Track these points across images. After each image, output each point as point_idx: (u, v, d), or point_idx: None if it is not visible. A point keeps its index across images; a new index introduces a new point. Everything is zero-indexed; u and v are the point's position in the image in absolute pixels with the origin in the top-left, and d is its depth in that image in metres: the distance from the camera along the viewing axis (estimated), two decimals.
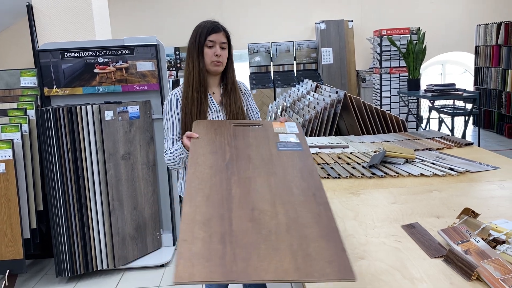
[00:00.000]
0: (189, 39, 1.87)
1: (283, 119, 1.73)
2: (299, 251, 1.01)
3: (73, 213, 3.02)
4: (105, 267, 3.10)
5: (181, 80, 7.38)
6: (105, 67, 3.19)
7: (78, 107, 2.99)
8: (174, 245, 3.42)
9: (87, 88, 3.22)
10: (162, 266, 3.22)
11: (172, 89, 2.03)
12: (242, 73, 8.92)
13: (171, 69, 7.90)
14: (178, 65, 7.92)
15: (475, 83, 7.90)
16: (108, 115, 3.04)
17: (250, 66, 8.12)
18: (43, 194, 3.11)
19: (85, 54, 3.17)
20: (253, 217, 1.12)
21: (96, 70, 3.19)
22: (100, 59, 3.18)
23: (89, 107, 3.00)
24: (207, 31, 1.82)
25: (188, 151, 1.80)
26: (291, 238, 1.05)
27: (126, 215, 3.15)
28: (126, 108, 3.12)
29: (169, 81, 4.49)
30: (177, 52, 7.88)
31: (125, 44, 3.18)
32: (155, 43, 3.19)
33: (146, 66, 3.19)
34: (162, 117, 1.95)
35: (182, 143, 1.79)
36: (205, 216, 1.10)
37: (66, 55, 3.16)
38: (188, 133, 1.61)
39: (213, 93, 1.94)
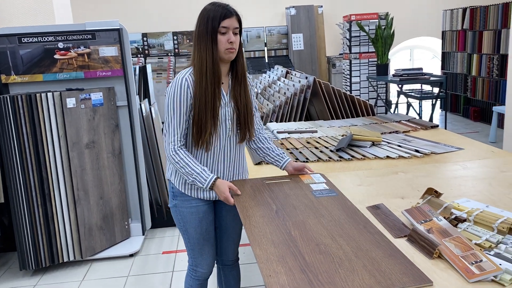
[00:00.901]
0: (198, 25, 1.69)
1: (305, 170, 1.90)
2: (373, 270, 1.16)
3: (36, 205, 2.92)
4: (71, 258, 3.02)
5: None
6: (66, 53, 3.07)
7: (38, 95, 2.87)
8: (143, 234, 3.36)
9: (47, 75, 3.09)
10: (131, 255, 3.17)
11: (140, 76, 1.93)
12: None
13: (138, 55, 7.73)
14: (146, 51, 7.75)
15: (442, 67, 8.04)
16: (70, 102, 2.94)
17: None
18: (3, 186, 3.00)
19: (44, 39, 3.04)
20: (321, 250, 1.27)
21: (56, 56, 3.07)
22: (60, 45, 3.05)
23: (49, 94, 2.89)
24: (220, 16, 1.65)
25: (217, 198, 1.76)
26: (362, 261, 1.20)
27: (92, 205, 3.07)
28: (89, 95, 3.02)
29: (135, 68, 4.37)
30: (145, 38, 7.70)
31: (86, 29, 3.07)
32: (118, 27, 3.09)
33: (109, 51, 3.09)
34: (167, 105, 1.70)
35: (215, 181, 1.69)
36: (278, 255, 1.25)
37: (24, 40, 3.01)
38: (232, 186, 1.69)
39: (222, 83, 1.77)
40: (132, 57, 7.80)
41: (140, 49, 7.73)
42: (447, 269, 1.20)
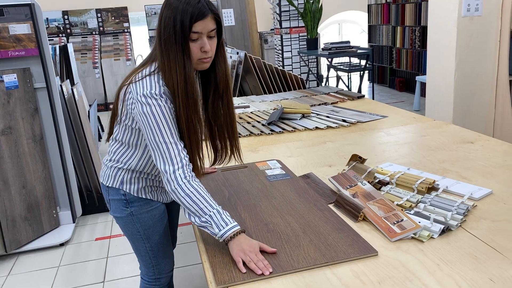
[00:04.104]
0: (162, 28, 1.29)
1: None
2: (319, 243, 1.18)
3: None
4: None
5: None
6: None
7: None
8: (73, 222, 3.21)
9: None
10: (61, 245, 3.01)
11: (61, 56, 1.65)
12: (141, 38, 8.47)
13: (60, 35, 7.24)
14: (68, 30, 7.28)
15: (369, 40, 8.32)
16: None
17: (149, 30, 7.72)
18: None
19: None
20: (269, 229, 1.28)
21: None
22: None
23: None
24: (190, 19, 1.25)
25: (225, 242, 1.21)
26: (309, 236, 1.22)
27: (14, 195, 2.87)
28: (1, 77, 2.77)
29: (55, 47, 4.09)
30: (66, 16, 7.22)
31: None
32: (29, 2, 2.84)
33: (20, 28, 2.84)
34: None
35: (239, 233, 1.19)
36: None
37: None
38: (264, 247, 1.17)
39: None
40: (53, 36, 7.30)
41: (62, 28, 7.25)
42: (371, 230, 1.25)
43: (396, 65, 7.47)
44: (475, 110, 3.61)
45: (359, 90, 5.67)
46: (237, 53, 4.18)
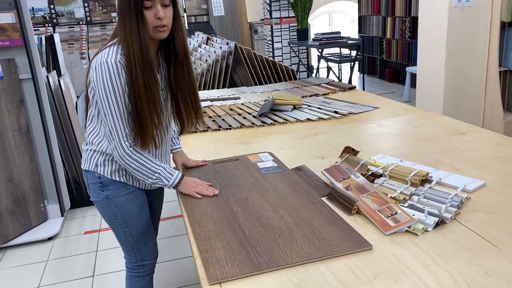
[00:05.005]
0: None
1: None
2: (313, 237, 1.16)
3: None
4: None
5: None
6: None
7: None
8: (62, 215, 3.16)
9: None
10: (50, 239, 2.97)
11: (47, 47, 1.63)
12: None
13: (46, 25, 7.11)
14: (55, 20, 7.14)
15: (359, 31, 8.30)
16: None
17: None
18: None
19: None
20: (262, 223, 1.26)
21: None
22: None
23: None
24: None
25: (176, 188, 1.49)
26: (302, 230, 1.20)
27: (0, 189, 2.81)
28: None
29: (41, 37, 4.00)
30: (52, 6, 7.08)
31: None
32: None
33: (4, 18, 2.76)
34: (88, 86, 1.41)
35: (182, 179, 1.49)
36: (217, 231, 1.23)
37: None
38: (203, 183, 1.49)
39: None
40: (39, 26, 7.16)
41: (48, 18, 7.10)
42: (365, 223, 1.23)
43: (386, 56, 7.47)
44: (465, 101, 3.62)
45: (350, 81, 5.66)
46: (227, 43, 4.13)
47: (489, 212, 1.25)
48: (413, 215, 1.22)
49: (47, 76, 3.10)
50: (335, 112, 2.44)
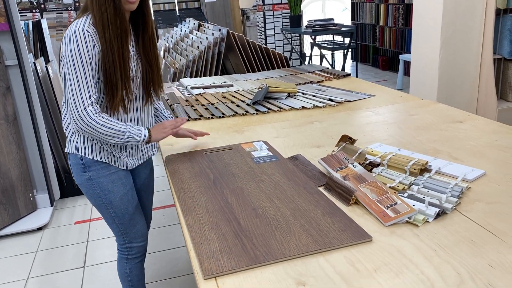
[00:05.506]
0: None
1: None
2: (311, 229, 1.13)
3: None
4: None
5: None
6: None
7: None
8: (52, 205, 3.10)
9: None
10: (39, 229, 2.92)
11: (34, 32, 1.60)
12: None
13: (33, 10, 6.94)
14: (42, 5, 6.98)
15: (352, 18, 8.23)
16: None
17: None
18: None
19: None
20: (258, 214, 1.22)
21: None
22: None
23: None
24: None
25: (150, 141, 1.55)
26: (300, 222, 1.17)
27: None
28: None
29: (28, 23, 3.89)
30: None
31: None
32: None
33: None
34: (62, 60, 1.41)
35: (150, 133, 1.54)
36: (211, 223, 1.19)
37: None
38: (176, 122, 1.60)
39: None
40: (26, 12, 6.99)
41: (35, 3, 6.93)
42: (364, 214, 1.20)
43: (379, 44, 7.42)
44: (459, 89, 3.60)
45: (343, 69, 5.62)
46: (219, 29, 4.06)
47: (490, 202, 1.22)
48: (413, 205, 1.19)
49: (34, 63, 3.02)
50: (330, 100, 2.39)
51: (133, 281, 1.79)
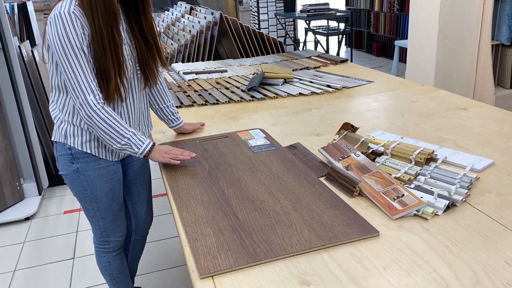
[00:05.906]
0: None
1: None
2: (313, 223, 1.06)
3: None
4: None
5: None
6: None
7: None
8: (39, 194, 3.01)
9: None
10: (27, 219, 2.83)
11: (20, 15, 1.47)
12: None
13: None
14: None
15: (347, 3, 8.11)
16: None
17: None
18: None
19: None
20: (256, 207, 1.15)
21: None
22: None
23: None
24: None
25: (147, 156, 1.39)
26: (301, 215, 1.10)
27: None
28: None
29: (13, 5, 3.75)
30: None
31: None
32: None
33: None
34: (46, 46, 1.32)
35: (151, 149, 1.39)
36: (207, 216, 1.12)
37: None
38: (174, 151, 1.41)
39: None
40: None
41: None
42: (369, 207, 1.13)
43: (374, 30, 7.32)
44: (456, 75, 3.53)
45: (338, 55, 5.52)
46: (212, 13, 3.94)
47: (501, 194, 1.16)
48: (421, 197, 1.12)
49: (19, 46, 2.89)
50: (328, 86, 2.32)
51: (114, 274, 1.72)
